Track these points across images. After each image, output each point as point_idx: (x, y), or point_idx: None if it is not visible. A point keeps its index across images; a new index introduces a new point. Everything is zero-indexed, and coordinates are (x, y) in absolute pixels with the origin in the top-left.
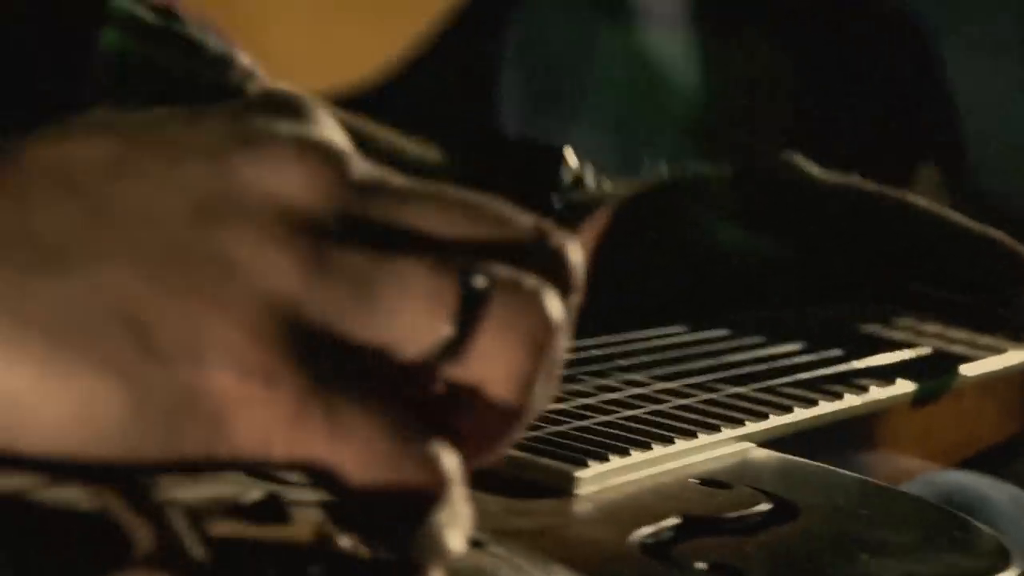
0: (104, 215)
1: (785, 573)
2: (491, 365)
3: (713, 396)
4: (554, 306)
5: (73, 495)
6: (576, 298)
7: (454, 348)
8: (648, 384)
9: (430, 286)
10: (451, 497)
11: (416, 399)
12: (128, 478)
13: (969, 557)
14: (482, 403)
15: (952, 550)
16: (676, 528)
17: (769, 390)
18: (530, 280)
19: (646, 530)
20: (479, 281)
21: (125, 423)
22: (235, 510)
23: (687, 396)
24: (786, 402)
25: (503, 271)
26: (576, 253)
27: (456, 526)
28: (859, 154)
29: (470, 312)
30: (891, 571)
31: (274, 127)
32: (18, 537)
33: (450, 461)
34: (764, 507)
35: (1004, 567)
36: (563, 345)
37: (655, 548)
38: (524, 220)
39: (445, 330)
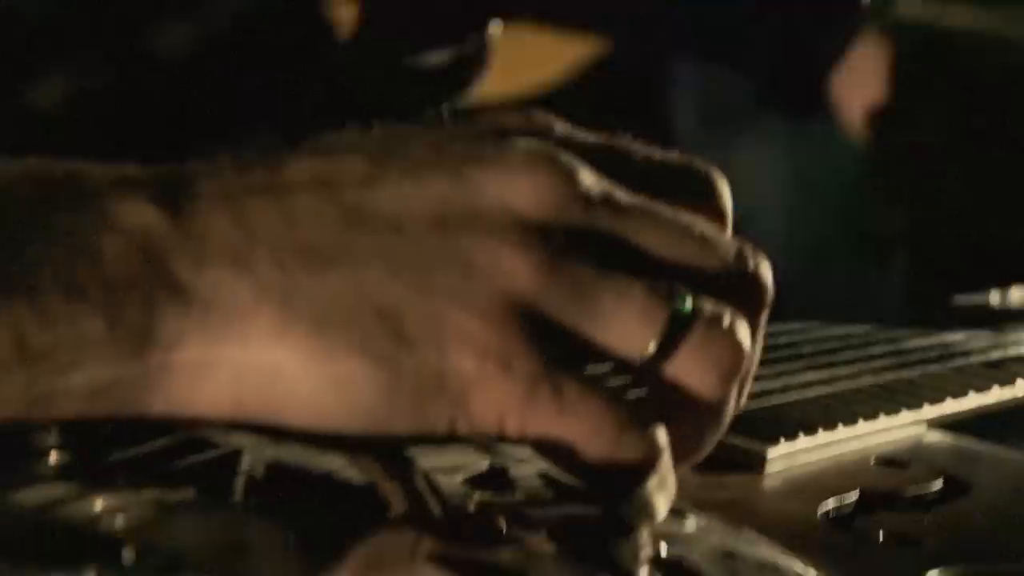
0: (359, 223)
1: (958, 545)
2: (687, 380)
3: (892, 380)
4: (745, 337)
5: (336, 463)
6: (767, 313)
7: (658, 359)
8: (829, 367)
9: (643, 305)
10: (661, 467)
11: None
12: (379, 447)
13: None
14: (679, 407)
15: None
16: (857, 503)
17: (944, 376)
18: (728, 315)
19: (830, 504)
20: (686, 303)
21: (378, 401)
22: (466, 479)
23: (867, 381)
24: (961, 387)
25: (707, 302)
26: (768, 274)
27: (664, 493)
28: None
29: (674, 331)
30: None
31: (507, 143)
32: (293, 501)
33: (661, 436)
34: (938, 484)
35: None
36: (756, 360)
37: (838, 520)
38: (728, 243)
39: (651, 345)
